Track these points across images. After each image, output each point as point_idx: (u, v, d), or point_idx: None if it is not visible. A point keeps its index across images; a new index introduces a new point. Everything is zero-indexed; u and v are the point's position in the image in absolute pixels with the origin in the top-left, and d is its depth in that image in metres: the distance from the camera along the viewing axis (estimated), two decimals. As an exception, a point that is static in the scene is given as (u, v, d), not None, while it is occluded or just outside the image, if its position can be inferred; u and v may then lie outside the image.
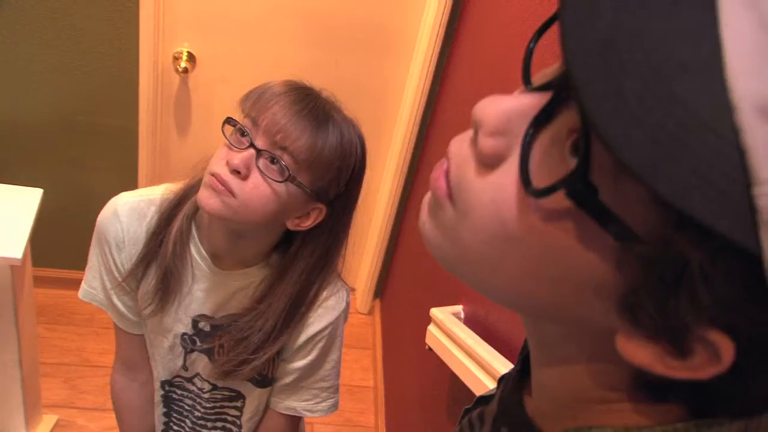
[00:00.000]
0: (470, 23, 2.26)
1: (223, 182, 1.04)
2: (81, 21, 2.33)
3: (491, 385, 1.43)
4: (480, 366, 1.51)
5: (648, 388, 0.39)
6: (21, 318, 1.62)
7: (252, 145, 1.04)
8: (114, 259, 1.21)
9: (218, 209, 1.05)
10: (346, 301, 1.29)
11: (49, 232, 1.69)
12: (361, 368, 2.94)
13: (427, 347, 1.83)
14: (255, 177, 1.05)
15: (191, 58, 2.49)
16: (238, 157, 1.03)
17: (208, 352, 1.28)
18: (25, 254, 1.52)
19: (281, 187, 1.05)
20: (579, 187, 0.33)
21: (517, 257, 0.38)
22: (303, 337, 1.25)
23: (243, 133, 1.06)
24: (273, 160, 1.04)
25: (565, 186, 0.34)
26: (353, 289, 3.25)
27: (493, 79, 1.87)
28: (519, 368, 0.55)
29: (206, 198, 1.06)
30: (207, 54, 2.51)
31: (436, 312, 1.80)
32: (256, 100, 1.06)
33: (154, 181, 2.64)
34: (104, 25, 2.35)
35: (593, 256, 0.35)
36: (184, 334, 1.26)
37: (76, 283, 1.29)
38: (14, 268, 1.55)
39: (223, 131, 1.08)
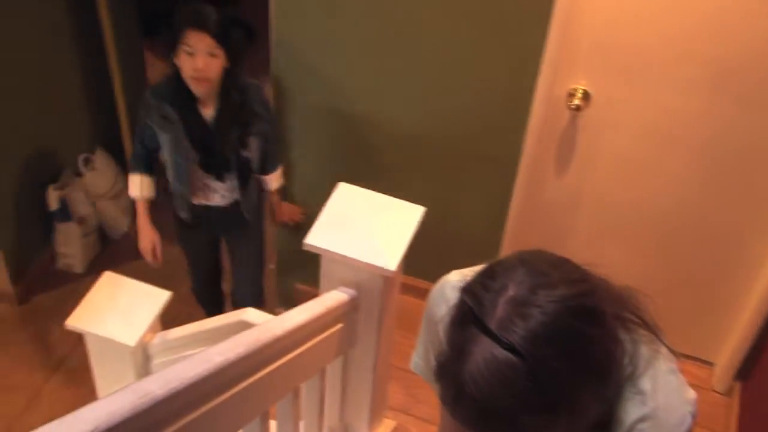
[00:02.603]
0: None
1: None
2: (485, 43, 2.40)
3: None
4: None
5: None
6: (384, 325, 1.71)
7: None
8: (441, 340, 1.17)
9: None
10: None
11: (414, 241, 1.74)
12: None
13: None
14: None
15: (586, 96, 2.43)
16: None
17: None
18: (398, 267, 1.59)
19: None
20: None
21: None
22: None
23: None
24: None
25: None
26: (711, 364, 2.94)
27: None
28: None
29: None
30: (602, 95, 2.43)
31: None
32: None
33: (523, 213, 2.63)
34: (507, 51, 2.38)
35: None
36: None
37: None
38: (386, 279, 1.63)
39: None
